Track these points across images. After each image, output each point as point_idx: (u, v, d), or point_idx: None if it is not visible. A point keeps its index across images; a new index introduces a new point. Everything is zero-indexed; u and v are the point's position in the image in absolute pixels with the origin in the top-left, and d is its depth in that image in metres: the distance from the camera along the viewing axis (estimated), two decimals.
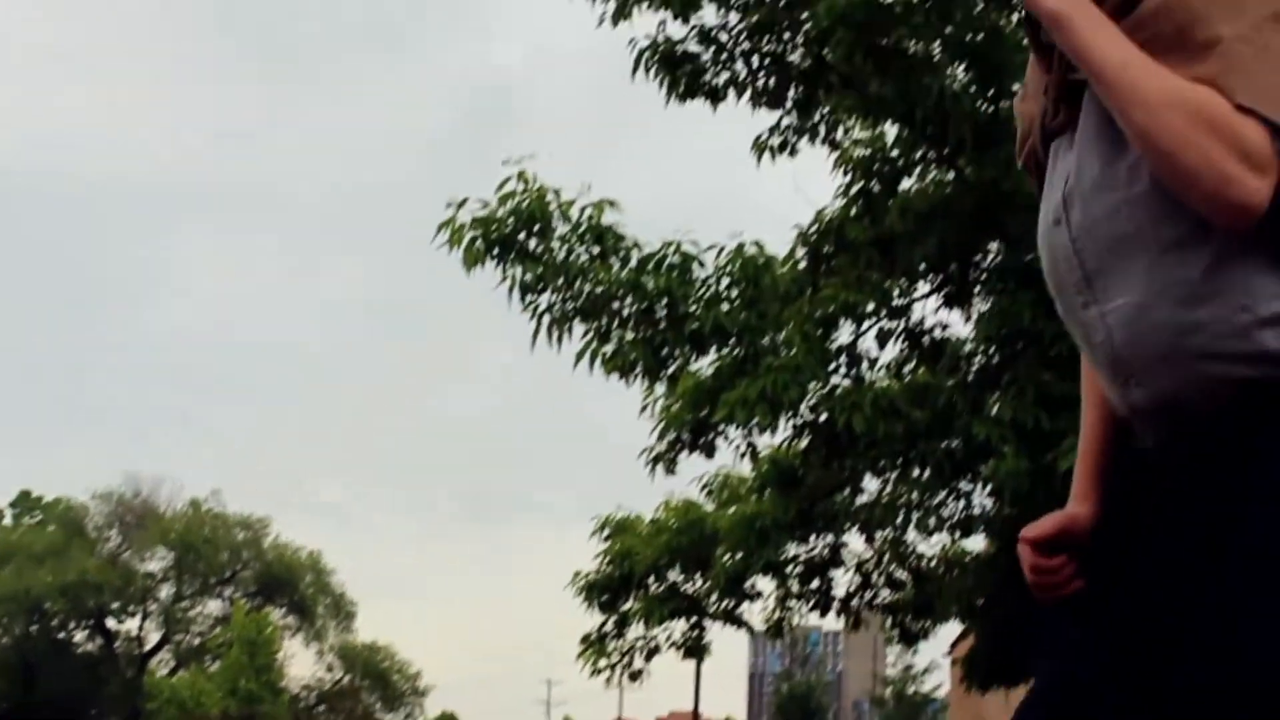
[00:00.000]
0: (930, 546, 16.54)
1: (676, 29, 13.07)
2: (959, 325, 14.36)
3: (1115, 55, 2.21)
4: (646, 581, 18.78)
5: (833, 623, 19.51)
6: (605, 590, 18.79)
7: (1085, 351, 2.50)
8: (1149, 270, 2.28)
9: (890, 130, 13.76)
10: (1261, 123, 2.13)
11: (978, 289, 13.79)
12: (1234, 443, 2.22)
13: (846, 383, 13.58)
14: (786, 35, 13.03)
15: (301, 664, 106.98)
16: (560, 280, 13.07)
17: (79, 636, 73.29)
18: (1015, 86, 12.70)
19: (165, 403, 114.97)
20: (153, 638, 74.36)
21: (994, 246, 13.46)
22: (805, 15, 12.53)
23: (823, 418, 13.16)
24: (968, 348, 13.94)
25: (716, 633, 20.97)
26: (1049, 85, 2.50)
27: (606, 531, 18.97)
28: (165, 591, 74.16)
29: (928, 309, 14.28)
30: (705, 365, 13.61)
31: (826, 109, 13.73)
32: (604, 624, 19.52)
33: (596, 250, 13.25)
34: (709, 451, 14.14)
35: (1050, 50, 2.45)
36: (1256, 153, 2.13)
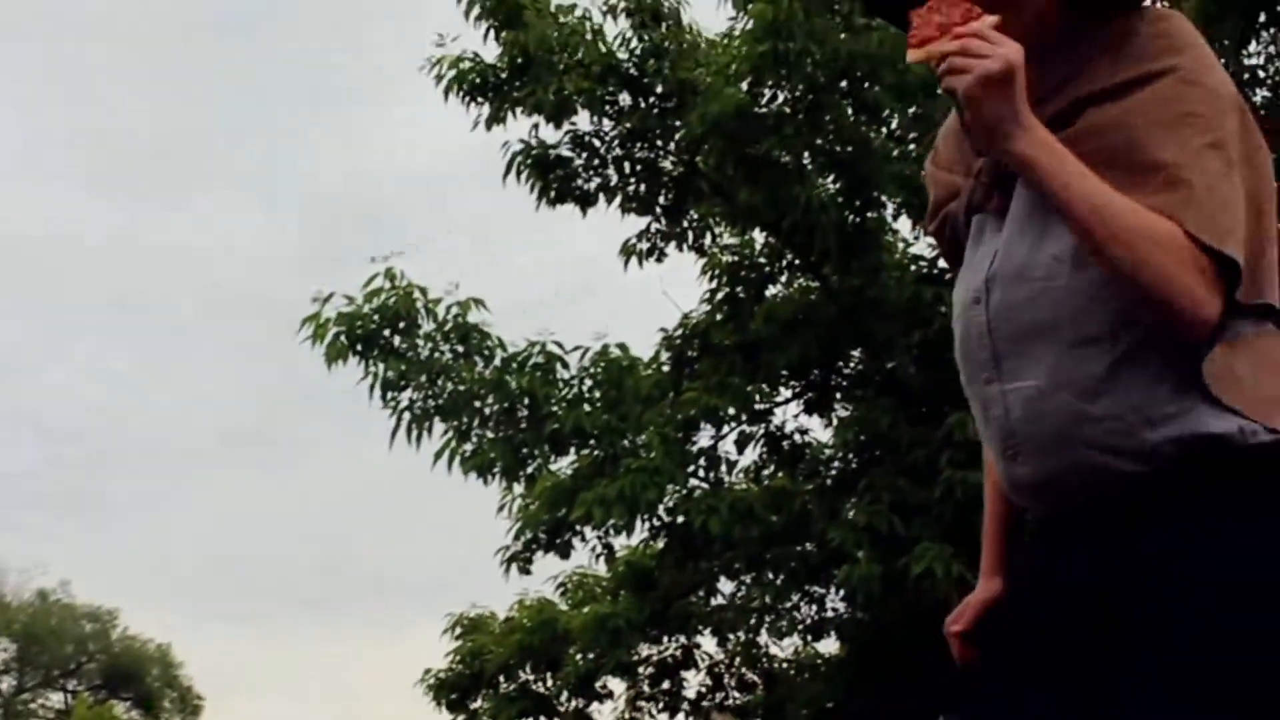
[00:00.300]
0: (783, 649, 16.59)
1: (550, 133, 13.20)
2: (819, 431, 14.52)
3: (1086, 197, 2.28)
4: (497, 680, 18.67)
5: None
6: (455, 689, 18.63)
7: (979, 424, 2.61)
8: (1057, 360, 2.40)
9: (758, 237, 13.94)
10: (1208, 251, 2.27)
11: (839, 395, 13.96)
12: (1112, 531, 2.37)
13: (705, 486, 13.66)
14: (659, 142, 13.20)
15: None
16: (423, 378, 13.09)
17: None
18: (883, 197, 12.97)
19: (14, 491, 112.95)
20: None
21: (856, 354, 13.66)
22: (678, 123, 12.71)
23: (680, 520, 13.22)
24: (827, 453, 14.10)
25: None
26: (981, 170, 2.59)
27: (458, 630, 18.85)
28: (5, 683, 72.67)
29: (789, 414, 14.43)
30: (565, 465, 13.64)
31: (695, 215, 13.90)
32: None
33: (461, 349, 13.29)
34: (564, 552, 14.15)
35: None
36: (1214, 279, 2.29)
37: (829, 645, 16.41)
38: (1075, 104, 2.48)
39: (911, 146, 12.67)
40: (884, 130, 13.36)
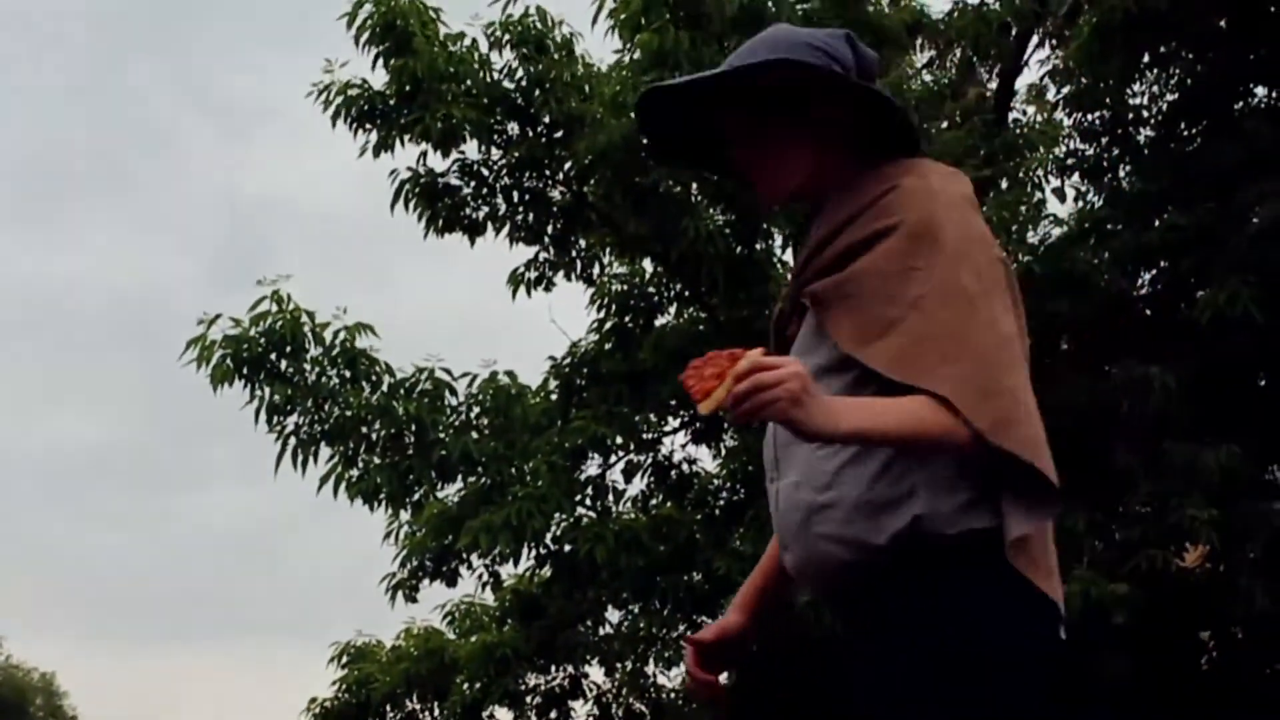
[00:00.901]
0: (670, 679, 16.62)
1: (438, 162, 13.19)
2: (707, 461, 14.57)
3: (892, 431, 2.66)
4: (384, 710, 18.56)
5: None
6: (341, 718, 18.53)
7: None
8: (805, 460, 2.84)
9: (647, 266, 13.99)
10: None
11: (726, 426, 14.02)
12: (839, 612, 2.92)
13: (592, 514, 13.68)
14: (548, 172, 13.22)
15: None
16: (309, 402, 13.02)
17: None
18: (771, 228, 13.07)
19: None
20: None
21: None
22: (566, 153, 12.74)
23: (567, 548, 13.24)
24: (714, 483, 14.16)
25: None
26: (786, 295, 3.03)
27: (344, 658, 18.75)
28: None
29: (677, 444, 14.49)
30: (452, 493, 13.62)
31: (584, 245, 13.94)
32: None
33: (348, 374, 13.23)
34: (451, 580, 14.12)
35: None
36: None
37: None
38: (840, 256, 2.88)
39: None
40: None
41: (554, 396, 13.94)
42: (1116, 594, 10.48)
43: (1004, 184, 13.71)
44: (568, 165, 12.92)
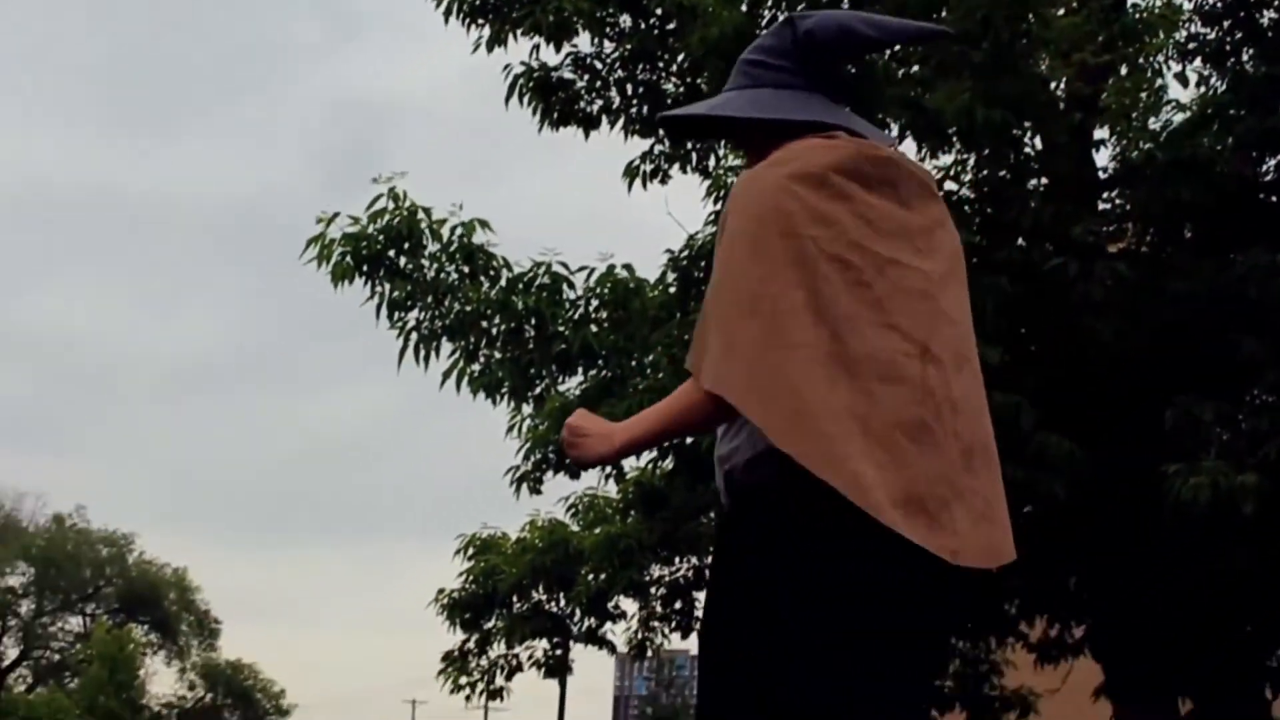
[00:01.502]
0: None
1: (551, 55, 13.14)
2: None
3: (652, 431, 3.42)
4: (510, 600, 18.77)
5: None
6: (468, 609, 18.74)
7: None
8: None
9: None
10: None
11: None
12: (730, 525, 3.42)
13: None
14: (661, 64, 13.13)
15: (163, 682, 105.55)
16: (429, 298, 13.07)
17: None
18: (885, 118, 12.90)
19: (29, 415, 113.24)
20: (11, 654, 73.26)
21: None
22: (678, 45, 12.64)
23: (689, 440, 13.25)
24: None
25: (581, 654, 21.02)
26: None
27: (471, 550, 18.95)
28: (25, 607, 73.12)
29: None
30: (573, 386, 13.67)
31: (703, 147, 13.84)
32: (465, 642, 19.49)
33: (466, 269, 13.26)
34: (574, 473, 14.19)
35: None
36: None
37: None
38: None
39: (915, 68, 12.59)
40: (885, 52, 13.29)
41: (672, 289, 13.89)
42: (1245, 485, 10.34)
43: (1123, 70, 13.47)
44: (680, 57, 12.82)
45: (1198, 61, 13.67)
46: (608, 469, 14.28)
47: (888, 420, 3.14)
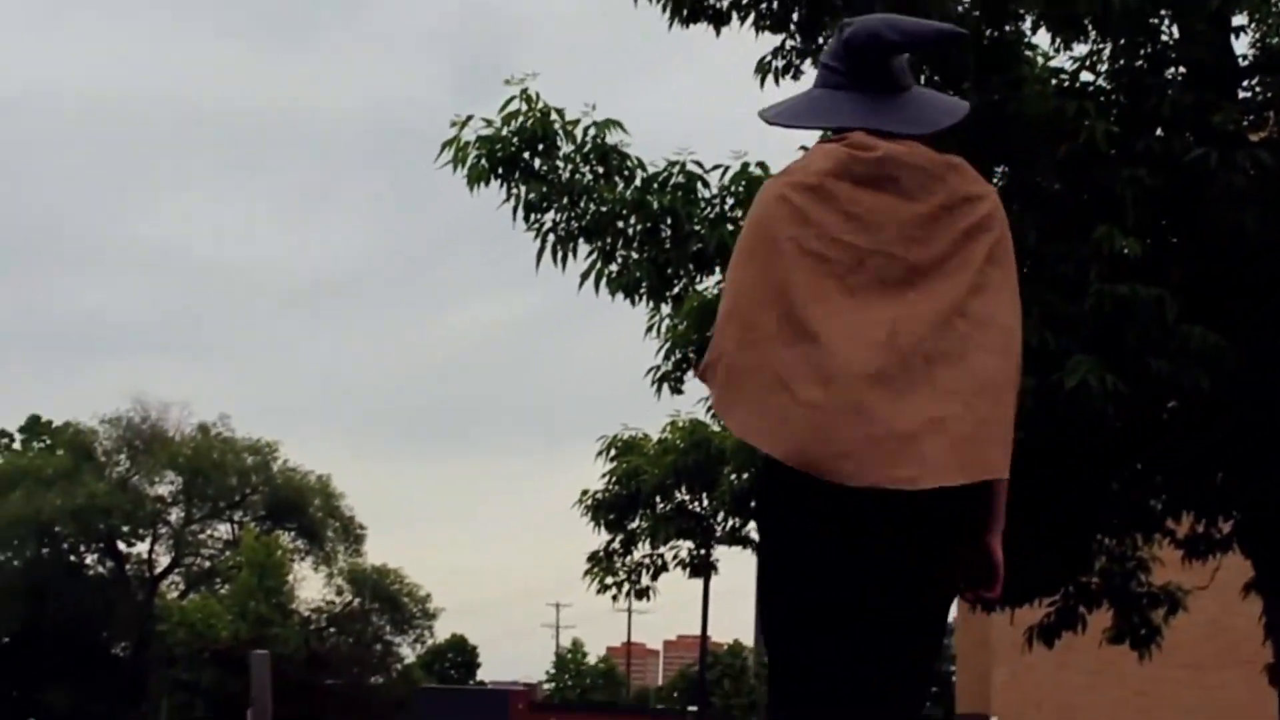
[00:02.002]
0: None
1: None
2: None
3: None
4: (653, 501, 18.85)
5: None
6: (612, 509, 18.84)
7: None
8: None
9: None
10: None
11: None
12: None
13: None
14: None
15: (311, 587, 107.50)
16: (564, 199, 13.08)
17: (90, 559, 73.85)
18: (1021, 10, 12.70)
19: (172, 327, 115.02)
20: (163, 561, 74.88)
21: (999, 170, 13.46)
22: None
23: None
24: None
25: (725, 555, 21.09)
26: None
27: (613, 452, 19.02)
28: (175, 515, 74.63)
29: None
30: (710, 285, 13.64)
31: (830, 33, 13.69)
32: (610, 542, 19.61)
33: (601, 170, 13.25)
34: None
35: None
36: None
37: None
38: None
39: None
40: None
41: None
42: None
43: None
44: None
45: None
46: None
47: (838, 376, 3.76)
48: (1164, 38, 12.63)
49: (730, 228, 13.27)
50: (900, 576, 3.80)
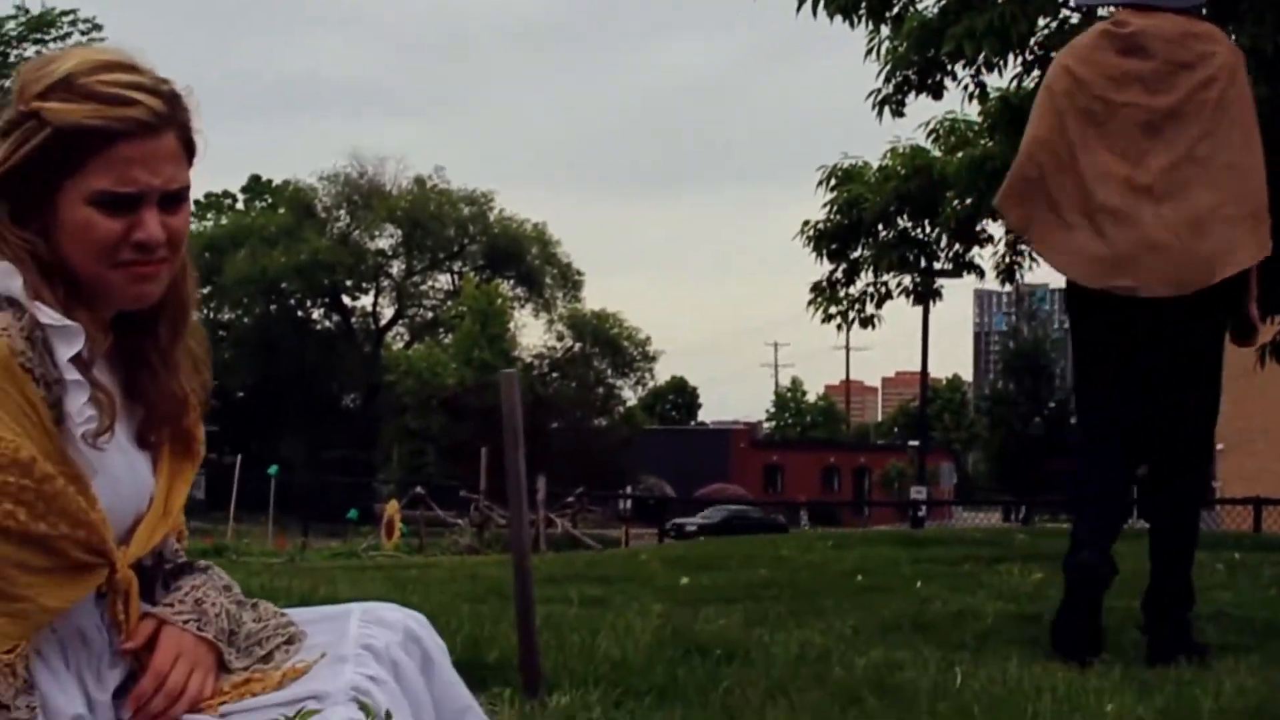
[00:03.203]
0: None
1: None
2: None
3: None
4: (875, 229, 18.70)
5: (1060, 278, 19.34)
6: (834, 239, 18.73)
7: None
8: None
9: None
10: None
11: None
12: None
13: (1077, 17, 13.22)
14: None
15: (532, 334, 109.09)
16: None
17: (316, 314, 75.55)
18: None
19: (386, 82, 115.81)
20: (387, 313, 76.39)
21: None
22: None
23: (1053, 55, 12.86)
24: None
25: (946, 287, 20.88)
26: None
27: (833, 181, 18.83)
28: (396, 268, 75.88)
29: None
30: (929, 4, 13.33)
31: None
32: (833, 272, 19.52)
33: None
34: (937, 93, 13.89)
35: None
36: None
37: None
38: None
39: None
40: None
41: None
42: None
43: None
44: None
45: None
46: (970, 89, 13.98)
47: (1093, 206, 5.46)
48: None
49: None
50: (1173, 343, 5.59)
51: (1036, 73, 13.33)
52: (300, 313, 74.49)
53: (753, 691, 5.76)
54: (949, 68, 13.39)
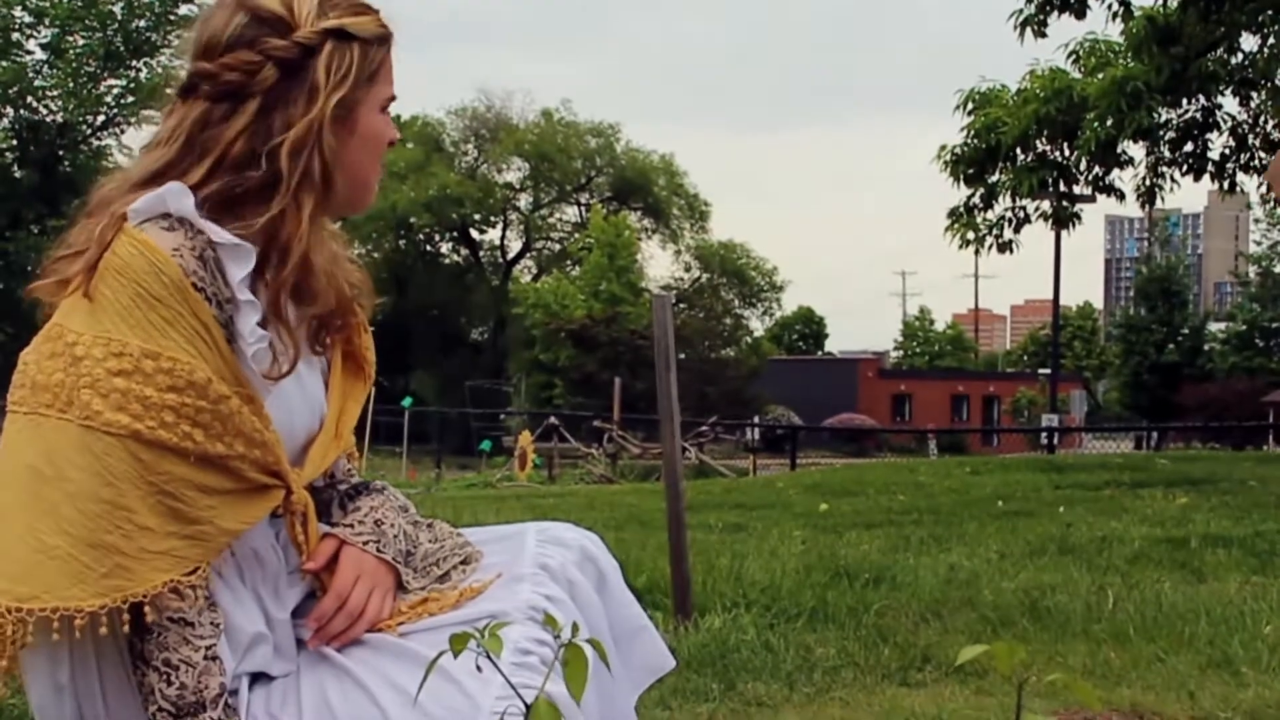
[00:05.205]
0: None
1: None
2: None
3: None
4: (1013, 153, 18.42)
5: (1193, 204, 19.04)
6: (971, 163, 18.48)
7: None
8: None
9: None
10: None
11: None
12: None
13: None
14: None
15: (659, 265, 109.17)
16: None
17: (445, 248, 75.86)
18: None
19: (508, 16, 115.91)
20: (514, 246, 76.55)
21: None
22: None
23: None
24: None
25: (1084, 211, 20.56)
26: None
27: (970, 105, 18.57)
28: (523, 201, 75.95)
29: None
30: None
31: None
32: (970, 197, 19.27)
33: None
34: (1080, 12, 13.68)
35: None
36: None
37: None
38: None
39: None
40: None
41: None
42: None
43: None
44: None
45: None
46: (1114, 7, 13.74)
47: None
48: None
49: None
50: None
51: None
52: (429, 247, 74.84)
53: (904, 614, 5.72)
54: None
